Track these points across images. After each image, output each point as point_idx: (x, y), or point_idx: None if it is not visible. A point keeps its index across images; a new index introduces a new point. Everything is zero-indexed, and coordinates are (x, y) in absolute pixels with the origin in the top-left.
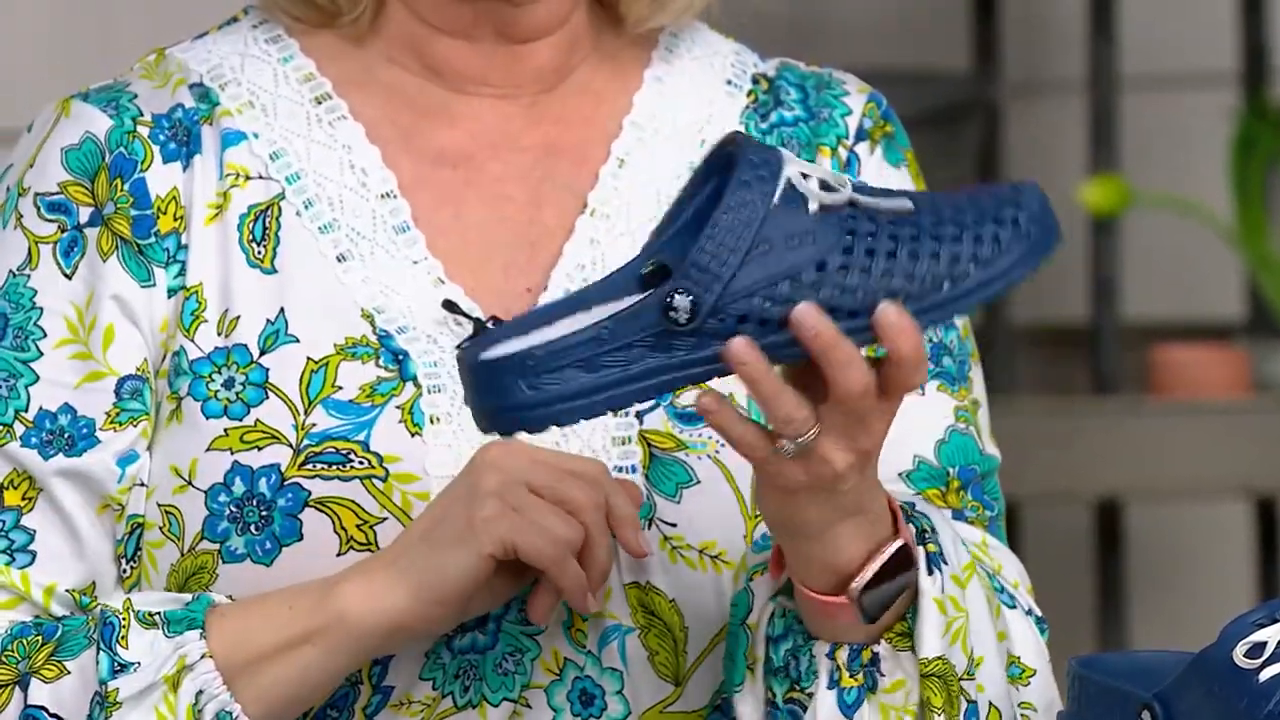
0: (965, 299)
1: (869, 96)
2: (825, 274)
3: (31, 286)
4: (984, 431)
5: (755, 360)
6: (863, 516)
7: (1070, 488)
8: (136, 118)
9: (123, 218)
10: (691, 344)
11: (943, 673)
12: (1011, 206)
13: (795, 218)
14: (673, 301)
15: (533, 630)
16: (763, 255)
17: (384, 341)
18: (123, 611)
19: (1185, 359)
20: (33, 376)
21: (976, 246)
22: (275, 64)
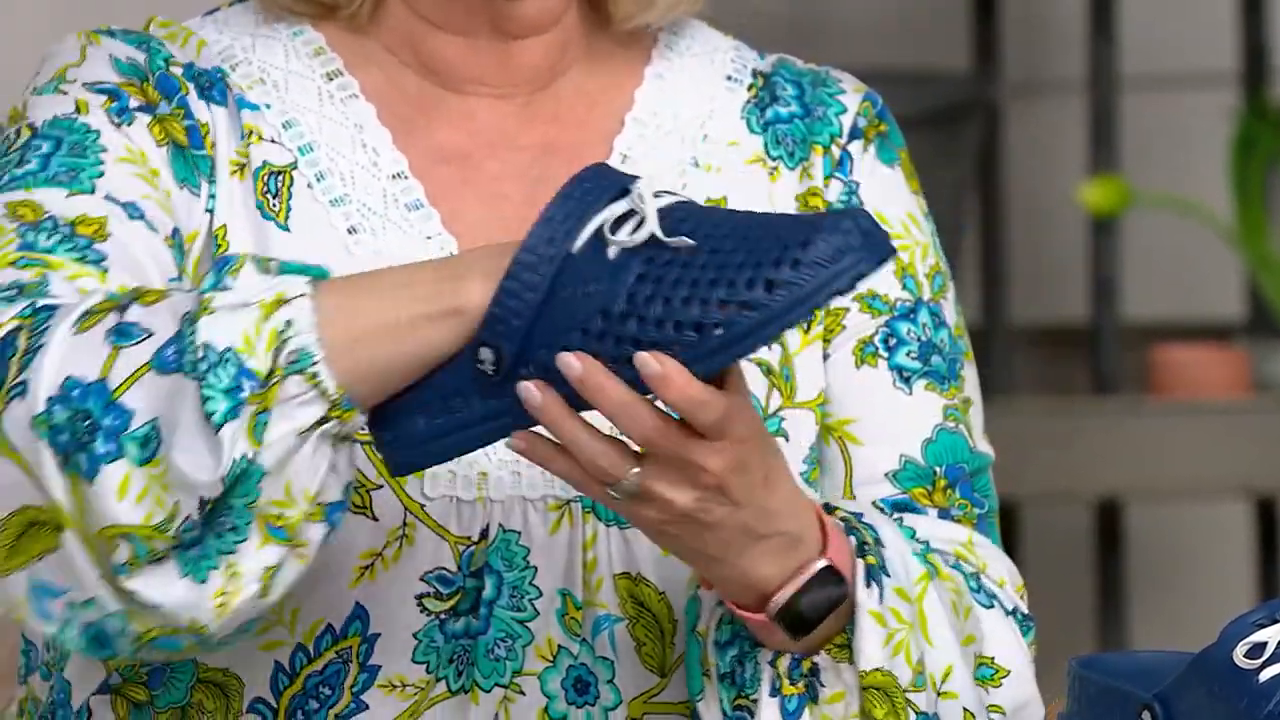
0: (735, 347)
1: (864, 95)
2: (610, 323)
3: (83, 122)
4: (975, 429)
5: (548, 405)
6: (775, 541)
7: (1070, 488)
8: (169, 59)
9: (176, 122)
10: (505, 391)
11: (883, 685)
12: (798, 245)
13: (592, 265)
14: (479, 353)
15: (525, 617)
16: (560, 303)
17: None
18: (240, 258)
19: (1185, 359)
20: (97, 172)
21: (749, 290)
22: (286, 39)
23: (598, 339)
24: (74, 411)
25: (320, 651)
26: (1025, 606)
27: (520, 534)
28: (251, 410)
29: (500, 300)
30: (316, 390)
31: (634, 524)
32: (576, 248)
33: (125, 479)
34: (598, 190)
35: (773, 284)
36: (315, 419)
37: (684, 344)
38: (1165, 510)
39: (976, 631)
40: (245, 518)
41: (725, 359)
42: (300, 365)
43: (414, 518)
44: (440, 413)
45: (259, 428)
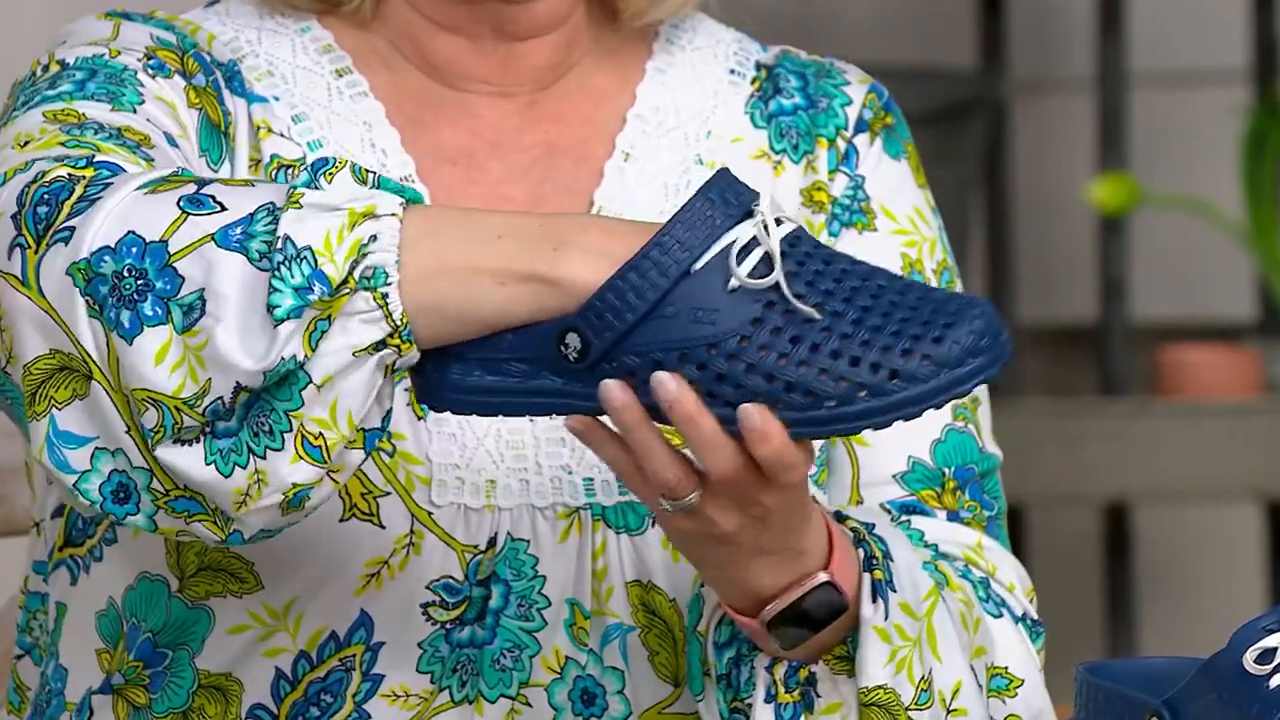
0: (845, 424)
1: (870, 87)
2: (715, 358)
3: (120, 62)
4: (984, 430)
5: (627, 406)
6: (782, 555)
7: (1077, 490)
8: (196, 47)
9: (212, 99)
10: (582, 377)
11: (885, 702)
12: (932, 340)
13: (709, 290)
14: (565, 338)
15: (532, 627)
16: (664, 319)
17: None
18: (339, 161)
19: (1194, 359)
20: (137, 98)
21: (872, 374)
22: (293, 34)
23: (698, 368)
24: (126, 267)
25: (323, 659)
26: (1035, 612)
27: (529, 542)
28: (314, 315)
29: (606, 295)
30: (383, 312)
31: (663, 527)
32: (698, 267)
33: (165, 345)
34: (725, 207)
35: (896, 374)
36: (374, 340)
37: (790, 405)
38: (1174, 513)
39: (986, 642)
40: (284, 425)
41: (828, 432)
42: (374, 282)
43: (421, 526)
44: (500, 372)
45: (316, 334)
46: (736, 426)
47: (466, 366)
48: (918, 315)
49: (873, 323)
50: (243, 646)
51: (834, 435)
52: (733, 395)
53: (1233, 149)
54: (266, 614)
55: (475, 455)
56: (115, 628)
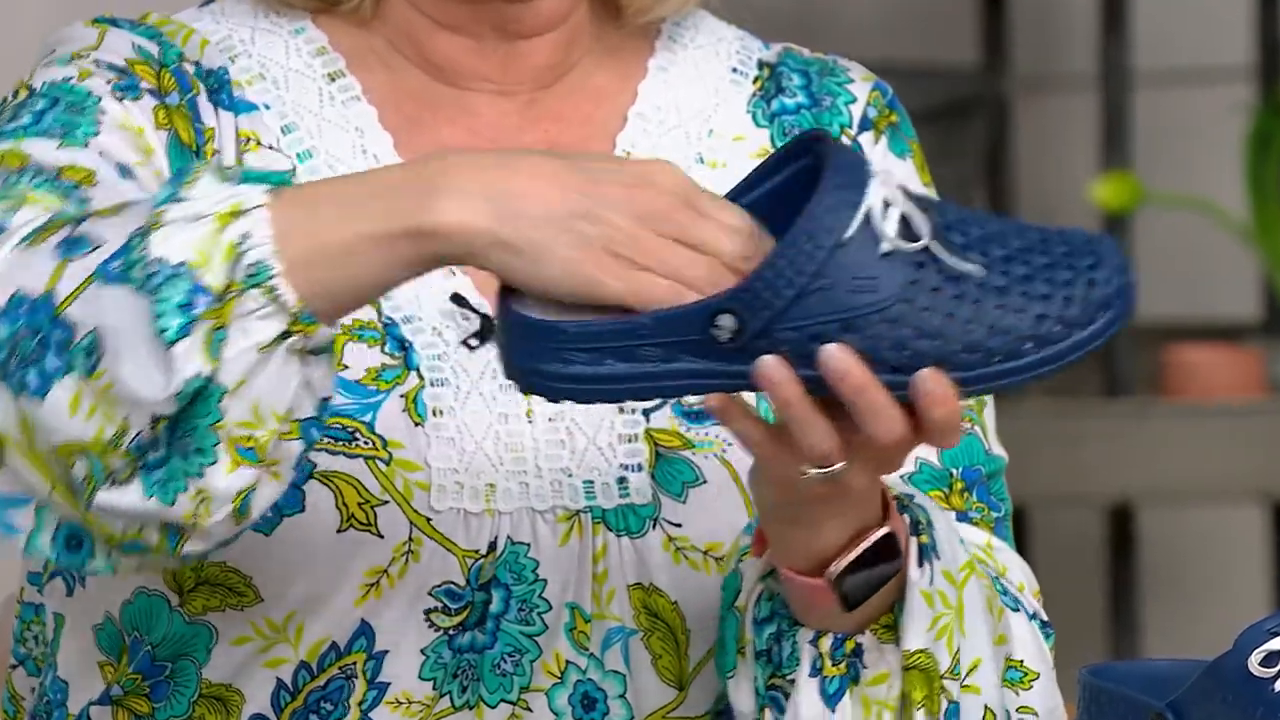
0: (1015, 377)
1: (874, 84)
2: (879, 324)
3: (85, 87)
4: (990, 431)
5: (786, 381)
6: (858, 510)
7: (1080, 491)
8: (181, 56)
9: (184, 118)
10: (729, 355)
11: (925, 666)
12: (1085, 284)
13: (863, 257)
14: (718, 318)
15: (533, 631)
16: (822, 292)
17: (389, 329)
18: (198, 167)
19: (1198, 360)
20: (92, 130)
21: (1039, 325)
22: (287, 36)
23: (863, 336)
24: (20, 328)
25: (324, 668)
26: (1043, 613)
27: (529, 546)
28: (207, 326)
29: (763, 275)
30: (275, 304)
31: (782, 486)
32: (848, 235)
33: (75, 395)
34: (851, 173)
35: (1061, 321)
36: (276, 333)
37: (959, 365)
38: (1177, 514)
39: (1007, 633)
40: (210, 439)
41: (998, 388)
42: (258, 279)
43: (420, 532)
44: (634, 358)
45: (215, 344)
46: (904, 392)
47: (595, 356)
48: (1062, 259)
49: (1022, 271)
50: (244, 658)
51: (1001, 390)
52: (898, 360)
53: (1236, 148)
54: (267, 626)
55: (474, 459)
56: (116, 641)
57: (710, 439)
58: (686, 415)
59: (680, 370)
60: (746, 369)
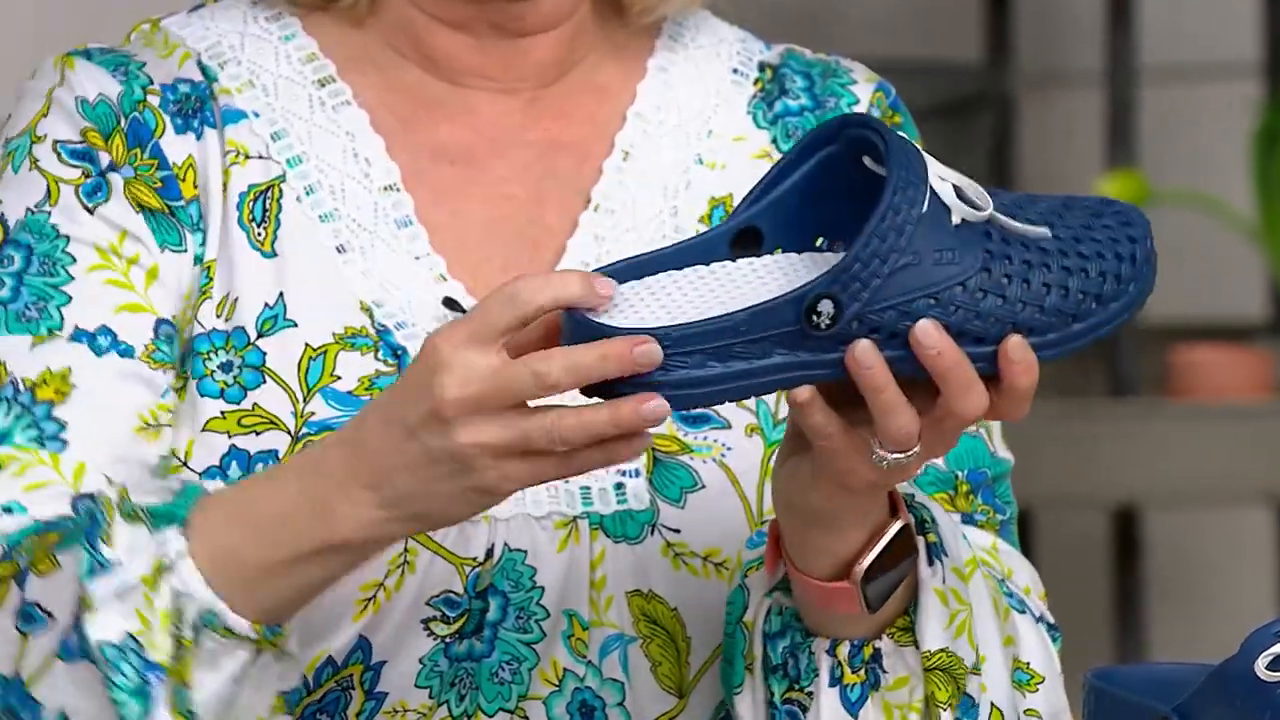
0: (1086, 337)
1: (877, 85)
2: (964, 295)
3: (54, 223)
4: (995, 434)
5: (879, 366)
6: (873, 507)
7: (1086, 493)
8: (146, 86)
9: (145, 186)
10: (820, 345)
11: (948, 666)
12: (1127, 240)
13: (940, 230)
14: (817, 305)
15: (530, 639)
16: (910, 267)
17: (383, 336)
18: (107, 506)
19: (1206, 360)
20: (65, 298)
21: (1100, 283)
22: (276, 42)
23: (950, 309)
24: (3, 709)
25: (320, 683)
26: (1050, 615)
27: (526, 553)
28: (169, 687)
29: (860, 255)
30: (234, 638)
31: (837, 481)
32: (924, 210)
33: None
34: (913, 151)
35: (1118, 278)
36: (245, 659)
37: (1039, 329)
38: (1184, 517)
39: (1014, 634)
40: None
41: (1069, 350)
42: (209, 626)
43: (414, 542)
44: (731, 356)
45: (183, 699)
46: (985, 364)
47: (695, 359)
48: (1095, 221)
49: (1069, 234)
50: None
51: (1071, 353)
52: (982, 330)
53: (1244, 145)
54: None
55: None
56: None
57: (708, 443)
58: (684, 420)
59: (773, 365)
60: (837, 356)
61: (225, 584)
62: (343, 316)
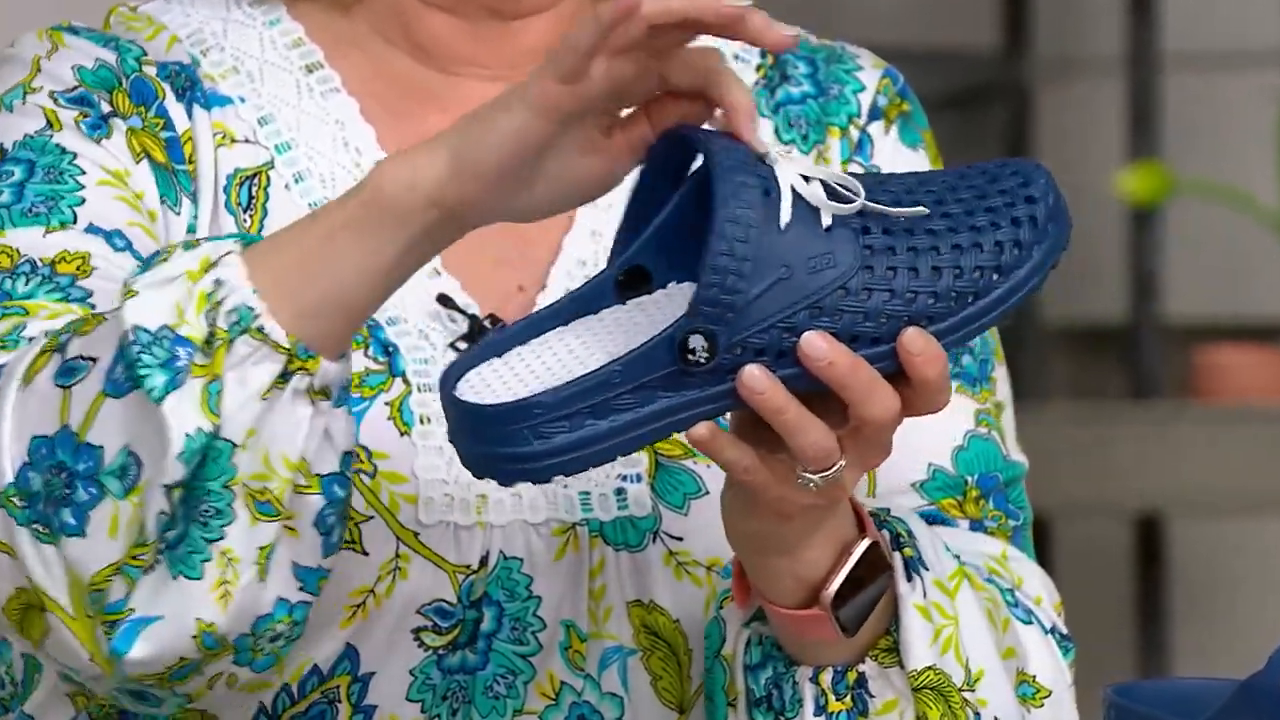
0: (991, 313)
1: (884, 72)
2: (848, 298)
3: (58, 142)
4: (1008, 436)
5: (772, 389)
6: (836, 524)
7: (1106, 500)
8: (140, 58)
9: (152, 137)
10: (705, 380)
11: (937, 684)
12: (1024, 201)
13: (809, 235)
14: (688, 342)
15: (526, 651)
16: (781, 282)
17: (373, 332)
18: (171, 245)
19: (1231, 361)
20: (77, 199)
21: (998, 254)
22: (261, 28)
23: (835, 316)
24: (48, 470)
25: (305, 694)
26: (1063, 626)
27: (523, 561)
28: (201, 383)
29: (712, 284)
30: (267, 344)
31: (769, 509)
32: (785, 220)
33: (114, 518)
34: (748, 164)
35: (1018, 245)
36: (274, 376)
37: (935, 316)
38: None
39: (1017, 646)
40: (225, 498)
41: (975, 330)
42: (243, 323)
43: (407, 548)
44: (611, 410)
45: (212, 399)
46: (887, 362)
47: (574, 421)
48: (989, 187)
49: (959, 209)
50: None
51: (981, 331)
52: (875, 331)
53: (1271, 135)
54: None
55: (464, 470)
56: None
57: None
58: None
59: (661, 409)
60: (727, 387)
61: (265, 285)
62: None
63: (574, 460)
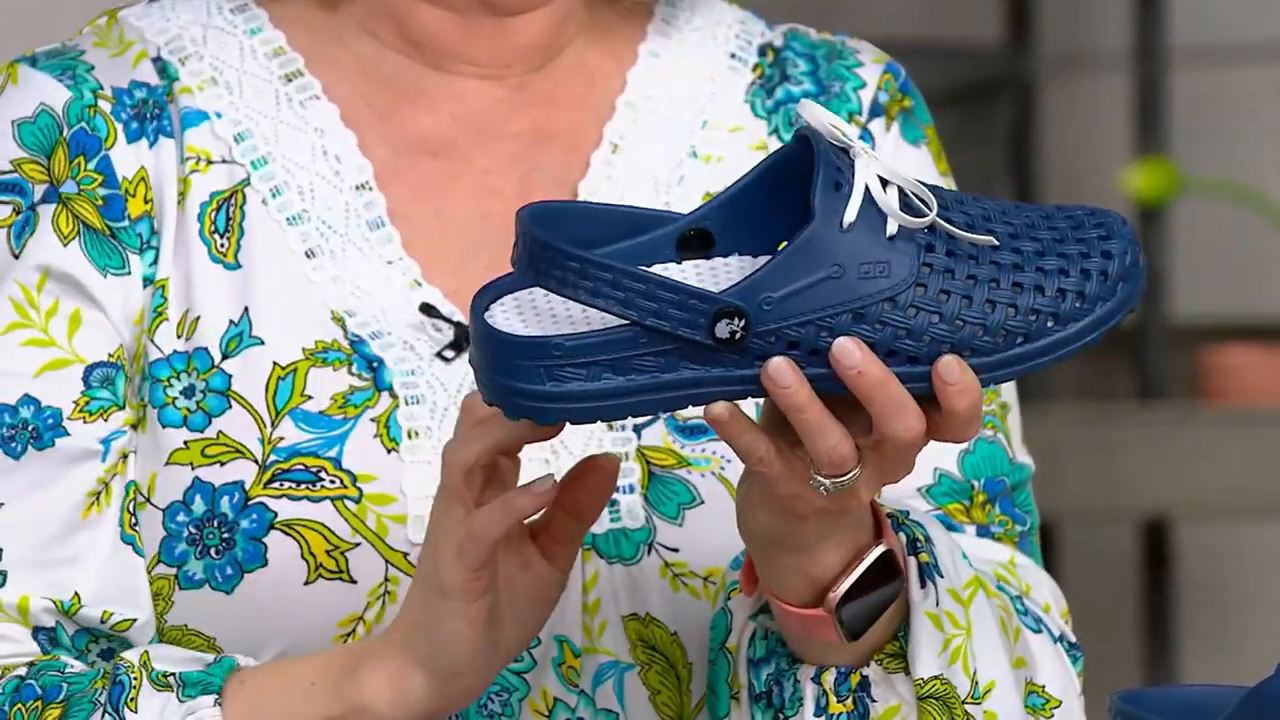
0: (1040, 359)
1: (885, 67)
2: (893, 311)
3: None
4: (1014, 439)
5: (797, 385)
6: (853, 527)
7: (1113, 504)
8: (96, 90)
9: (87, 201)
10: (733, 360)
11: (942, 694)
12: (1100, 255)
13: (871, 241)
14: (719, 319)
15: (520, 668)
16: (831, 281)
17: (356, 347)
18: (137, 669)
19: (1240, 362)
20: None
21: (1059, 302)
22: (241, 36)
23: (876, 326)
24: None
25: None
26: (1071, 634)
27: None
28: None
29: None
30: None
31: (783, 507)
32: (850, 220)
33: None
34: (836, 157)
35: (1081, 296)
36: None
37: (980, 350)
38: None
39: (1026, 655)
40: None
41: (1020, 371)
42: None
43: (396, 570)
44: (631, 369)
45: None
46: (921, 385)
47: (591, 371)
48: (1070, 234)
49: (1032, 248)
50: None
51: (1026, 374)
52: (915, 350)
53: None
54: None
55: None
56: None
57: (707, 456)
58: (681, 430)
59: (681, 379)
60: (753, 372)
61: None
62: (313, 329)
63: (583, 410)
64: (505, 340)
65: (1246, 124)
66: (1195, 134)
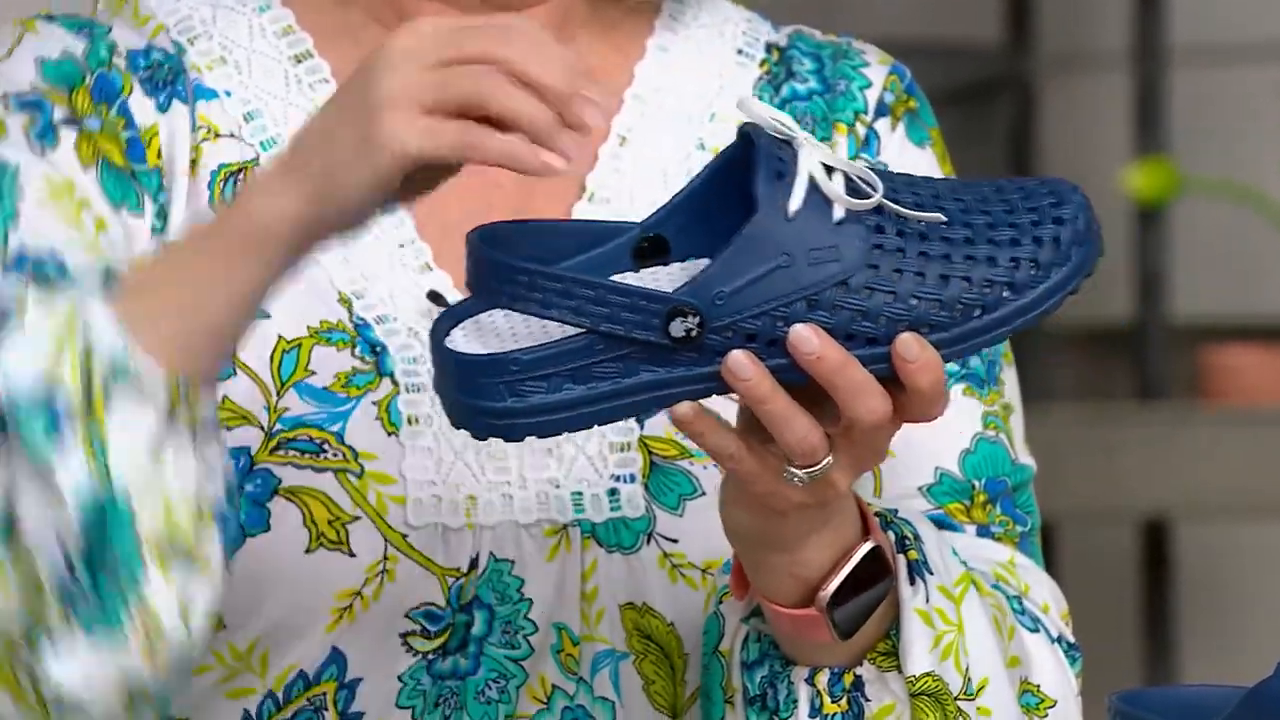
0: (998, 329)
1: (891, 68)
2: (846, 294)
3: (1, 155)
4: (1016, 439)
5: (758, 376)
6: (837, 525)
7: (1113, 504)
8: (113, 49)
9: (111, 139)
10: (692, 359)
11: (935, 691)
12: (1052, 222)
13: (818, 226)
14: (673, 318)
15: (518, 655)
16: (781, 270)
17: (361, 330)
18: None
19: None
20: (10, 213)
21: (1013, 271)
22: (251, 14)
23: (831, 311)
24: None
25: (290, 699)
26: (1070, 635)
27: (513, 563)
28: (84, 440)
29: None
30: (145, 388)
31: (760, 503)
32: (795, 208)
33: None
34: (786, 148)
35: (1035, 264)
36: (159, 417)
37: (938, 325)
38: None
39: (1022, 654)
40: (133, 554)
41: (978, 344)
42: (118, 372)
43: (395, 550)
44: (591, 377)
45: (100, 456)
46: (882, 366)
47: (551, 383)
48: (1021, 204)
49: (983, 220)
50: (206, 688)
51: (986, 346)
52: (872, 331)
53: None
54: (230, 655)
55: (453, 470)
56: None
57: None
58: None
59: (643, 383)
60: (713, 369)
61: (136, 327)
62: (319, 309)
63: (547, 422)
64: (463, 361)
65: (1246, 124)
66: (1195, 134)
